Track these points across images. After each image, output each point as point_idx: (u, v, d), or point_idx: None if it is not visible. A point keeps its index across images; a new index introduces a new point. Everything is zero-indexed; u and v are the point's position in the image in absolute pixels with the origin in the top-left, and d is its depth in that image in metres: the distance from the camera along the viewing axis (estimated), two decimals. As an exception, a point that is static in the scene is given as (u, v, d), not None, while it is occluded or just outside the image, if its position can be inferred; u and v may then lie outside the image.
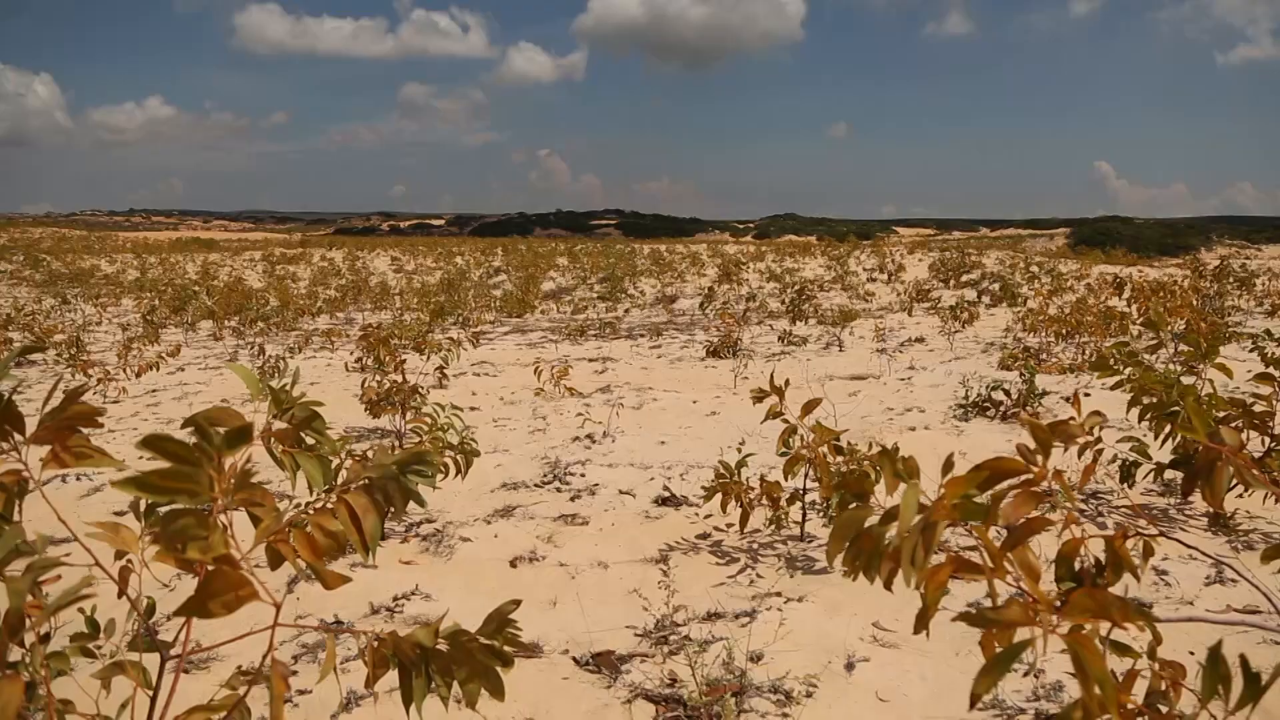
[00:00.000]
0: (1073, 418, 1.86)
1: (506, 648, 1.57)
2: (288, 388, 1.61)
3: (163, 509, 1.33)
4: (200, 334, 13.62)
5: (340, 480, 1.42)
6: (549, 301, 18.46)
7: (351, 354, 9.88)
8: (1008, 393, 6.91)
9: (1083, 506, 4.69)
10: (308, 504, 1.43)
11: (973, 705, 1.38)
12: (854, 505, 1.58)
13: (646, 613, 3.41)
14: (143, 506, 1.44)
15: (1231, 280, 16.71)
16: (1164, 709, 1.67)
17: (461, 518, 4.63)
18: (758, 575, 3.80)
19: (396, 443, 6.25)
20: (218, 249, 42.29)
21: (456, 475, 4.39)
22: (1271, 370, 4.34)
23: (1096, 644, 1.29)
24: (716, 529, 4.37)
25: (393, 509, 1.46)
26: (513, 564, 4.04)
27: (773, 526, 4.24)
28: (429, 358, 7.84)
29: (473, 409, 7.58)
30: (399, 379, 6.40)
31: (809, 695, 2.77)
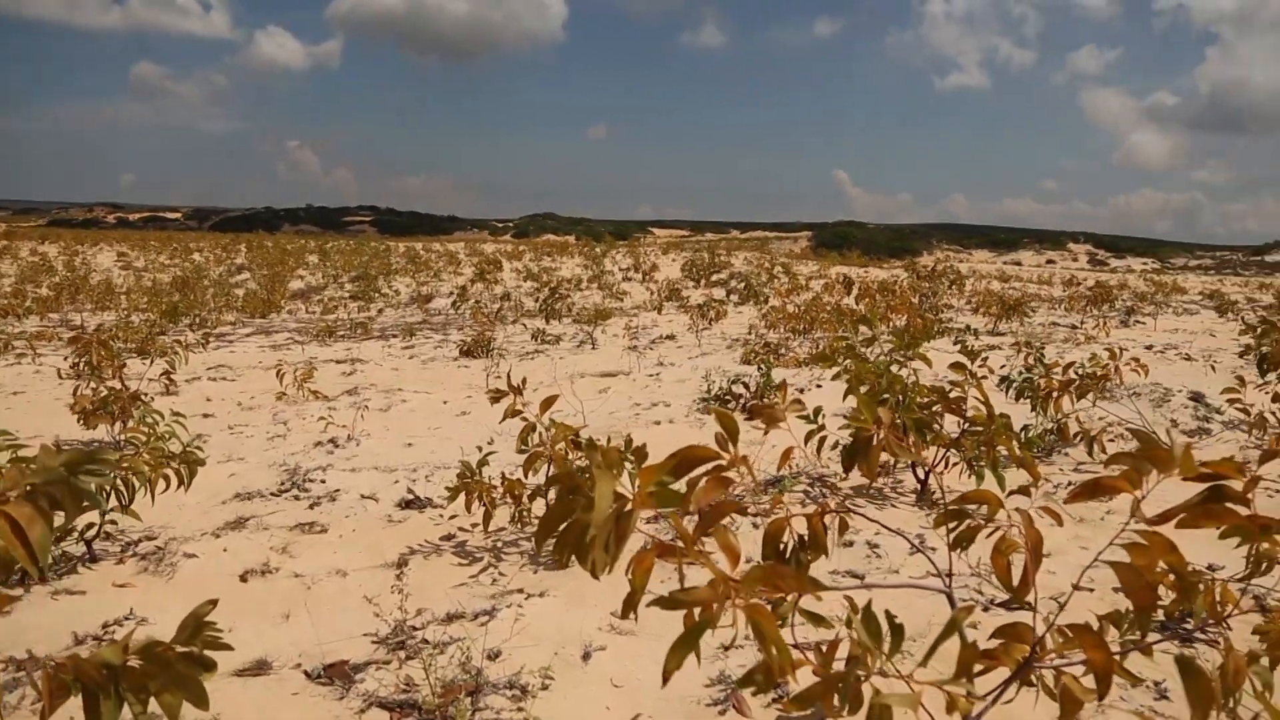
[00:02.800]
0: (776, 403, 2.01)
1: (207, 653, 1.49)
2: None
3: None
4: (-126, 339, 11.89)
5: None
6: (297, 301, 17.59)
7: (66, 359, 8.96)
8: (747, 386, 7.31)
9: (809, 490, 5.04)
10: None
11: (665, 681, 1.46)
12: (568, 497, 1.63)
13: (384, 620, 3.33)
14: None
15: (945, 281, 18.53)
16: (862, 673, 1.84)
17: (187, 532, 4.32)
18: (500, 573, 3.81)
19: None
20: (-105, 241, 37.03)
21: (179, 487, 4.10)
22: (964, 360, 4.84)
23: (770, 612, 1.40)
24: (461, 529, 4.34)
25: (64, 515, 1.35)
26: (243, 578, 3.82)
27: (517, 524, 4.26)
28: (152, 362, 7.26)
29: (206, 415, 7.11)
30: (118, 385, 5.89)
31: (545, 688, 2.81)
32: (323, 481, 5.12)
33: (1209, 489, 1.36)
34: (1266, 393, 5.74)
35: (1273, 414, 5.70)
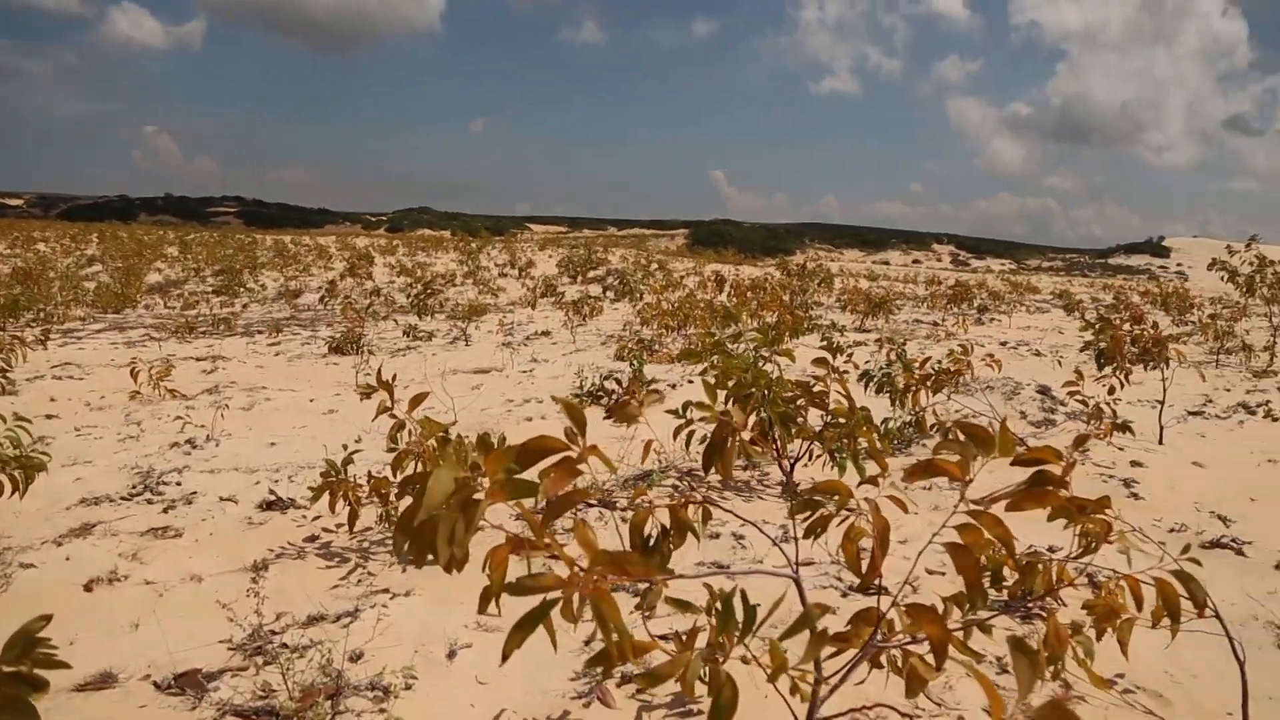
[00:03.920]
0: (637, 400, 2.03)
1: (38, 671, 1.41)
2: None
3: None
4: None
5: None
6: (154, 295, 16.79)
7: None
8: (619, 382, 7.35)
9: (677, 483, 5.11)
10: None
11: (504, 661, 1.46)
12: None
13: (241, 625, 3.22)
14: None
15: (816, 279, 19.05)
16: (720, 657, 1.88)
17: (25, 541, 4.07)
18: (368, 573, 3.73)
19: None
20: None
21: (14, 493, 3.85)
22: (826, 355, 4.98)
23: (610, 595, 1.42)
24: (326, 530, 4.23)
25: None
26: (88, 587, 3.62)
27: (384, 523, 4.18)
28: (-11, 360, 6.81)
29: (50, 416, 6.70)
30: (-53, 385, 5.49)
31: (408, 688, 2.76)
32: (178, 484, 4.90)
33: (1034, 474, 1.45)
34: (1103, 385, 6.13)
35: (1107, 404, 6.10)
